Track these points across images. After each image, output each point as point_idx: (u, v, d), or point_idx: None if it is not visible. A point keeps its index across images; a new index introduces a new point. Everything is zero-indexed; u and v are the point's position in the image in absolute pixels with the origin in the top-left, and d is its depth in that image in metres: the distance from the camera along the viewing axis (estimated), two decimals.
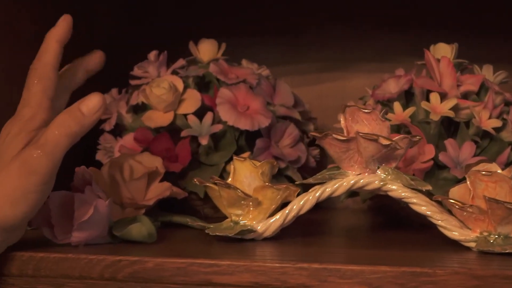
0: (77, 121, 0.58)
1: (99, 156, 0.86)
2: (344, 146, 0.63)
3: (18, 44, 0.79)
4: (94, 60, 0.68)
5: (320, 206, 0.95)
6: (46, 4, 0.85)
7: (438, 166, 0.75)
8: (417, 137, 0.63)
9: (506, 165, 0.75)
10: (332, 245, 0.66)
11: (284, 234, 0.67)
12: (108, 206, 0.61)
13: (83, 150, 0.82)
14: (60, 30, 0.65)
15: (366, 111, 0.63)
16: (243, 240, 0.65)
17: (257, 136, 0.82)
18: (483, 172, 0.60)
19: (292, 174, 0.83)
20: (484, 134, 0.75)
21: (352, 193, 0.79)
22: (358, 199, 0.81)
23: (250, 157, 0.80)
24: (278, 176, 0.83)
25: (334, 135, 0.62)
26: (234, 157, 0.67)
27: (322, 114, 1.01)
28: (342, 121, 0.65)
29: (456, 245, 0.62)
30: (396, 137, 0.62)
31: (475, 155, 0.74)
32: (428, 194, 0.71)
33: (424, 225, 0.67)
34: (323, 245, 0.66)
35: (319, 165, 0.88)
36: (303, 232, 0.74)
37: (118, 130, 0.86)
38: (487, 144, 0.76)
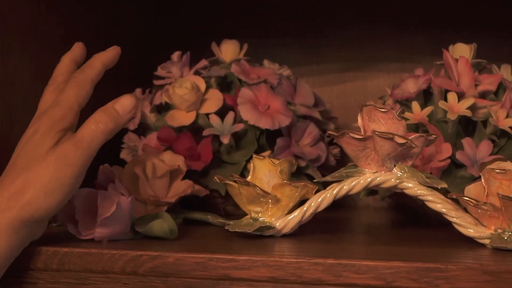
0: (112, 119, 0.62)
1: (123, 154, 0.88)
2: (360, 145, 0.64)
3: (45, 48, 0.81)
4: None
5: (341, 205, 0.97)
6: (72, 7, 0.87)
7: (455, 164, 0.76)
8: (433, 135, 0.64)
9: None
10: (350, 242, 0.67)
11: (303, 231, 0.69)
12: (130, 203, 0.63)
13: (108, 149, 0.84)
14: (108, 56, 0.68)
15: (382, 110, 0.64)
16: (262, 237, 0.67)
17: (278, 135, 0.83)
18: (497, 170, 0.61)
19: (312, 173, 0.85)
20: (502, 133, 0.76)
21: (372, 191, 0.80)
22: (378, 197, 0.83)
23: (271, 156, 0.81)
24: (298, 175, 0.85)
25: (351, 134, 0.64)
26: (254, 156, 0.68)
27: (343, 113, 1.02)
28: (360, 120, 0.66)
29: (471, 242, 0.63)
30: (412, 136, 0.63)
31: (492, 154, 0.75)
32: (445, 192, 0.72)
33: (442, 222, 0.68)
34: (341, 241, 0.67)
35: (339, 163, 0.89)
36: (322, 229, 0.75)
37: (142, 130, 0.88)
38: (505, 143, 0.77)
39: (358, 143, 0.64)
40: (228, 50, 0.90)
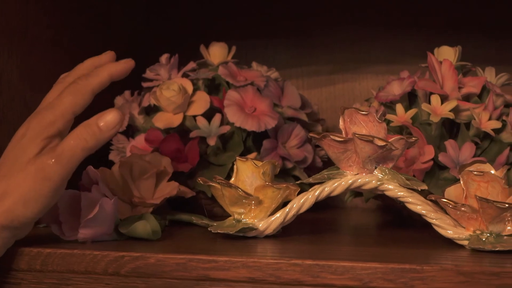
0: (93, 136, 0.61)
1: (112, 156, 0.89)
2: (342, 147, 0.65)
3: (34, 49, 0.82)
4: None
5: (330, 206, 0.98)
6: (63, 8, 0.88)
7: (439, 166, 0.76)
8: (413, 138, 0.65)
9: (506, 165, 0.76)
10: (332, 243, 0.68)
11: (288, 232, 0.69)
12: (113, 204, 0.64)
13: (96, 150, 0.85)
14: (119, 69, 0.66)
15: (363, 113, 0.65)
16: (246, 238, 0.68)
17: (265, 137, 0.84)
18: (475, 172, 0.62)
19: (299, 174, 0.86)
20: (485, 136, 0.77)
21: (358, 192, 0.81)
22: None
23: (258, 158, 0.82)
24: (285, 176, 0.86)
25: (332, 136, 0.64)
26: (237, 158, 0.69)
27: (333, 115, 1.03)
28: (341, 123, 0.67)
29: (451, 243, 0.64)
30: (392, 138, 0.64)
31: (475, 156, 0.76)
32: (429, 194, 0.73)
33: (425, 224, 0.68)
34: (323, 242, 0.68)
35: (326, 165, 0.90)
36: (307, 230, 0.76)
37: (131, 131, 0.89)
38: (488, 145, 0.77)
39: (339, 145, 0.65)
40: (217, 53, 0.91)
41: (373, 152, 0.64)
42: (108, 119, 0.61)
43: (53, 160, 0.60)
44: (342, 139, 0.64)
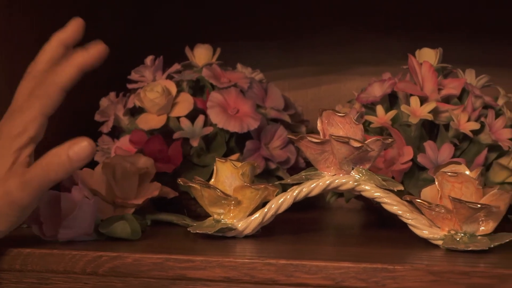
0: (62, 167, 0.58)
1: (97, 157, 0.90)
2: (319, 148, 0.66)
3: (18, 51, 0.83)
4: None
5: (315, 206, 0.99)
6: (46, 11, 0.89)
7: (418, 167, 0.77)
8: (390, 139, 0.66)
9: (482, 166, 0.77)
10: (310, 243, 0.69)
11: (270, 232, 0.70)
12: (93, 205, 0.65)
13: None
14: (88, 59, 0.61)
15: (340, 114, 0.66)
16: (225, 238, 0.68)
17: (248, 138, 0.85)
18: (449, 173, 0.63)
19: (282, 175, 0.87)
20: (464, 137, 0.78)
21: (341, 193, 0.82)
22: (352, 199, 0.84)
23: (240, 159, 0.83)
24: (269, 177, 0.87)
25: (309, 138, 0.65)
26: (217, 159, 0.70)
27: (318, 116, 1.04)
28: (319, 124, 0.68)
29: (428, 243, 0.65)
30: (369, 140, 0.65)
31: (454, 157, 0.77)
32: (409, 194, 0.74)
33: (405, 224, 0.69)
34: (303, 242, 0.69)
35: (309, 166, 0.90)
36: (290, 230, 0.77)
37: (117, 132, 0.90)
38: (467, 146, 0.78)
39: (316, 146, 0.66)
40: (201, 54, 0.92)
41: (349, 153, 0.65)
42: (79, 151, 0.57)
43: (20, 187, 0.58)
44: (319, 141, 0.65)
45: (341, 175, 0.67)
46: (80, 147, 0.57)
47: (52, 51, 0.63)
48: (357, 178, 0.66)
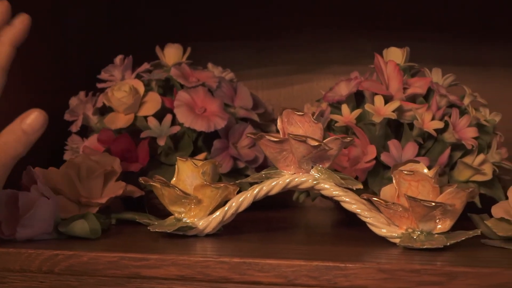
0: (21, 142, 0.58)
1: (66, 156, 0.90)
2: (278, 147, 0.66)
3: None
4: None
5: (288, 205, 0.99)
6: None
7: (383, 166, 0.78)
8: (349, 138, 0.66)
9: (447, 165, 0.78)
10: (273, 241, 0.69)
11: (236, 231, 0.71)
12: (51, 204, 0.65)
13: (51, 150, 0.86)
14: (16, 33, 0.62)
15: (299, 113, 0.66)
16: (187, 237, 0.69)
17: (216, 137, 0.85)
18: (406, 172, 0.63)
19: (251, 174, 0.87)
20: (430, 136, 0.78)
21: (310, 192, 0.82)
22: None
23: (208, 158, 0.83)
24: (238, 176, 0.87)
25: (267, 137, 0.66)
26: (178, 158, 0.70)
27: None
28: (279, 123, 0.68)
29: (388, 242, 0.65)
30: (328, 139, 0.65)
31: (419, 156, 0.77)
32: (373, 193, 0.74)
33: None
34: (265, 241, 0.69)
35: None
36: (257, 228, 0.77)
37: (86, 131, 0.90)
38: (432, 144, 0.79)
39: (275, 145, 0.66)
40: (171, 54, 0.92)
41: (307, 152, 0.65)
42: (30, 122, 0.58)
43: None
44: (277, 139, 0.65)
45: (300, 173, 0.67)
46: (31, 118, 0.58)
47: (7, 54, 0.63)
48: (316, 177, 0.67)
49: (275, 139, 0.66)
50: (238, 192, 0.69)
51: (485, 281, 0.54)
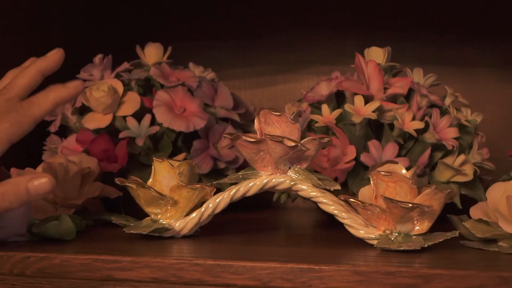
0: (19, 198, 0.58)
1: (45, 156, 0.89)
2: (255, 148, 0.65)
3: None
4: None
5: (271, 206, 0.98)
6: None
7: (363, 166, 0.77)
8: (326, 138, 0.65)
9: (428, 165, 0.77)
10: (251, 243, 0.68)
11: (215, 232, 0.71)
12: (24, 205, 0.64)
13: (28, 151, 0.85)
14: (46, 62, 0.65)
15: (276, 113, 0.65)
16: (163, 238, 0.68)
17: (197, 137, 0.85)
18: (383, 173, 0.63)
19: (231, 174, 0.86)
20: (410, 136, 0.77)
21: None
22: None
23: (187, 158, 0.83)
24: (219, 176, 0.86)
25: (244, 137, 0.65)
26: (154, 158, 0.69)
27: None
28: (256, 124, 0.67)
29: (366, 243, 0.64)
30: (305, 139, 0.65)
31: (400, 156, 0.77)
32: (353, 194, 0.73)
33: None
34: (243, 242, 0.68)
35: None
36: (237, 230, 0.77)
37: (65, 131, 0.89)
38: (412, 145, 0.78)
39: (252, 146, 0.65)
40: (152, 53, 0.91)
41: (284, 152, 0.64)
42: (38, 184, 0.58)
43: None
44: (254, 140, 0.65)
45: (278, 174, 0.66)
46: (40, 182, 0.58)
47: (30, 78, 0.64)
48: (294, 177, 0.66)
49: (252, 140, 0.65)
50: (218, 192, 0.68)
51: (461, 284, 0.53)
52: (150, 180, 0.69)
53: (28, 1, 0.94)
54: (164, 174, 0.69)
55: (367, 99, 0.78)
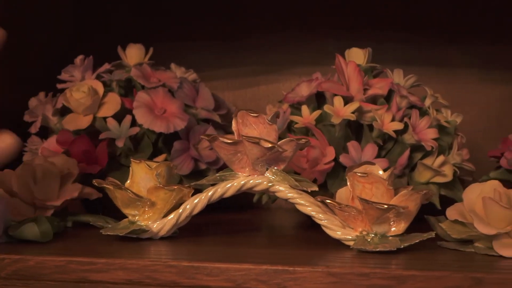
0: None
1: (26, 158, 0.88)
2: (232, 149, 0.65)
3: None
4: None
5: (254, 206, 0.98)
6: None
7: (343, 167, 0.77)
8: (303, 139, 0.65)
9: (407, 166, 0.77)
10: (229, 244, 0.68)
11: (193, 233, 0.70)
12: (1, 207, 0.64)
13: None
14: None
15: (253, 115, 0.65)
16: (140, 240, 0.68)
17: (177, 138, 0.84)
18: (359, 174, 0.63)
19: (211, 175, 0.86)
20: (390, 137, 0.77)
21: None
22: None
23: (168, 159, 0.82)
24: (200, 177, 0.86)
25: (221, 138, 0.65)
26: (132, 159, 0.69)
27: None
28: (234, 125, 0.67)
29: (344, 244, 0.64)
30: (282, 141, 0.65)
31: (380, 157, 0.77)
32: (332, 195, 0.73)
33: None
34: (221, 244, 0.68)
35: None
36: (217, 231, 0.77)
37: (46, 133, 0.89)
38: (392, 146, 0.78)
39: (229, 147, 0.65)
40: (133, 54, 0.91)
41: (261, 154, 0.64)
42: None
43: None
44: (231, 141, 0.65)
45: (255, 176, 0.66)
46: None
47: None
48: (271, 179, 0.66)
49: (229, 141, 0.65)
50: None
51: (434, 285, 0.53)
52: (128, 181, 0.69)
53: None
54: (142, 176, 0.68)
55: (347, 100, 0.78)
